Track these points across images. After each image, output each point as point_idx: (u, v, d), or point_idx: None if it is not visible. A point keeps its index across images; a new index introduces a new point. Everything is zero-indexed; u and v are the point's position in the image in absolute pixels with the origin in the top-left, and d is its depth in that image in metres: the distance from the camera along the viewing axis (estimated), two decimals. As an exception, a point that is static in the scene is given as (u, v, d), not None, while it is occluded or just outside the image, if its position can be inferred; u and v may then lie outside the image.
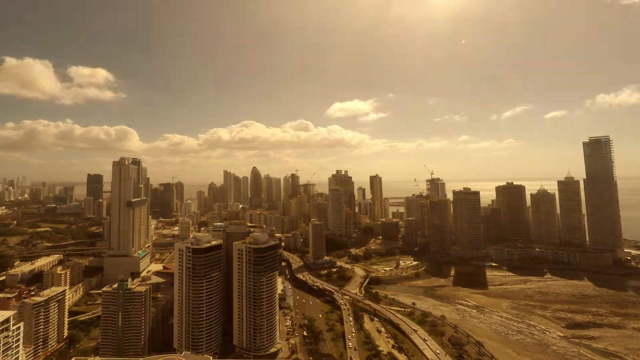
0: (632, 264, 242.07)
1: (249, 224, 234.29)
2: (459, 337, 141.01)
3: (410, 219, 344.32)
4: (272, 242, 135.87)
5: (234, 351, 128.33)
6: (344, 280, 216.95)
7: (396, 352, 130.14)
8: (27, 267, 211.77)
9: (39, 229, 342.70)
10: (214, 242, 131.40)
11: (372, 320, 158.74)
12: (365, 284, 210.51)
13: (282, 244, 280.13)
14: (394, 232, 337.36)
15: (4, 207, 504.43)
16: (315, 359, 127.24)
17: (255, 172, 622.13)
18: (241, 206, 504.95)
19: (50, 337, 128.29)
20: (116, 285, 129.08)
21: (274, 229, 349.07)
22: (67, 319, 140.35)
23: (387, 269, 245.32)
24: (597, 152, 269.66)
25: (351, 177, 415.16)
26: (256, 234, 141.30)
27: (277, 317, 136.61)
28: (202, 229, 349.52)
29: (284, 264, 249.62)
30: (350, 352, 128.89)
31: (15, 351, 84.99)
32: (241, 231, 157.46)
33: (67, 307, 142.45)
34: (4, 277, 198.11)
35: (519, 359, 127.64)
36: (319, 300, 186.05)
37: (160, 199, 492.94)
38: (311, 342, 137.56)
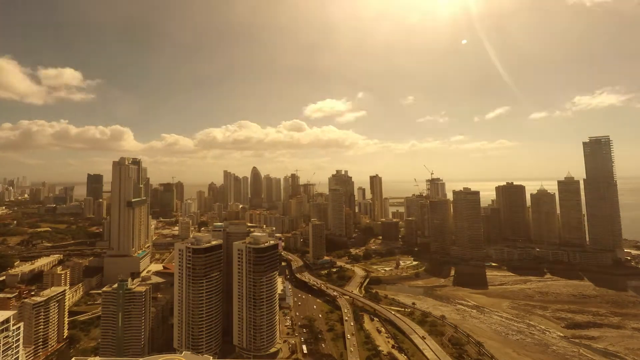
0: (632, 264, 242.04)
1: (249, 224, 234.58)
2: (459, 337, 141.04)
3: (410, 219, 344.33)
4: (272, 242, 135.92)
5: (234, 351, 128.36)
6: (344, 280, 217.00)
7: (396, 352, 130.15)
8: (27, 267, 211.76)
9: (39, 229, 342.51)
10: (214, 242, 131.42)
11: (372, 320, 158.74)
12: (365, 284, 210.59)
13: (282, 244, 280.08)
14: (394, 232, 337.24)
15: (4, 207, 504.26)
16: (315, 359, 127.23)
17: (255, 172, 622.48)
18: (241, 206, 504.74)
19: (50, 337, 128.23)
20: (116, 285, 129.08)
21: (274, 228, 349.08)
22: (67, 319, 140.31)
23: (387, 269, 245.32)
24: (597, 152, 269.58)
25: (351, 177, 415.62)
26: (256, 234, 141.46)
27: (277, 317, 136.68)
28: (202, 229, 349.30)
29: (284, 264, 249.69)
30: (350, 352, 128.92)
31: (15, 351, 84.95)
32: (241, 231, 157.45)
33: (67, 307, 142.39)
34: (4, 277, 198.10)
35: (519, 359, 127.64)
36: (319, 300, 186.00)
37: (160, 199, 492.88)
38: (311, 342, 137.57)
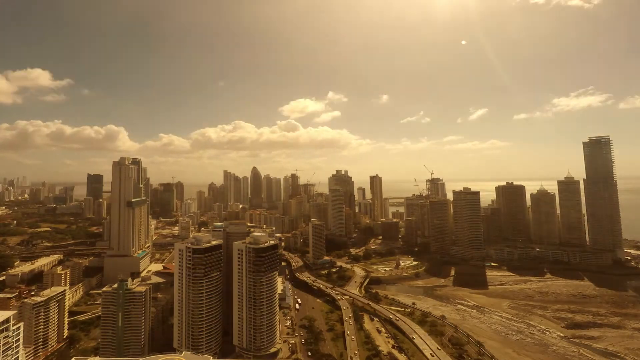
0: (632, 264, 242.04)
1: (249, 224, 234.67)
2: (459, 337, 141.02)
3: (410, 219, 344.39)
4: (272, 242, 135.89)
5: (234, 351, 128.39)
6: (344, 280, 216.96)
7: (396, 352, 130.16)
8: (27, 267, 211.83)
9: (39, 229, 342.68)
10: (214, 242, 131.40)
11: (372, 320, 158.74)
12: (365, 284, 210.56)
13: (282, 244, 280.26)
14: (394, 232, 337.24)
15: (4, 207, 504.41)
16: (315, 359, 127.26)
17: (255, 172, 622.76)
18: (241, 206, 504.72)
19: (50, 337, 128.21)
20: (116, 285, 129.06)
21: (274, 228, 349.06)
22: (67, 319, 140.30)
23: (387, 269, 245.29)
24: (597, 152, 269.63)
25: (351, 177, 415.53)
26: (256, 234, 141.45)
27: (277, 317, 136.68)
28: (202, 229, 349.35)
29: (284, 264, 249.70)
30: (350, 352, 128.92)
31: (15, 351, 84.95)
32: (241, 231, 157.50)
33: (67, 307, 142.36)
34: (4, 277, 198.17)
35: (519, 359, 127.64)
36: (319, 300, 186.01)
37: (160, 199, 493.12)
38: (311, 342, 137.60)
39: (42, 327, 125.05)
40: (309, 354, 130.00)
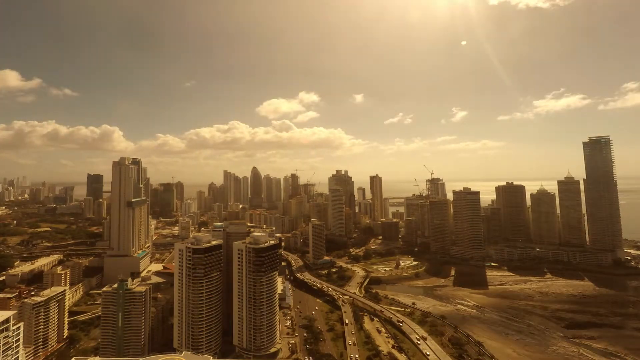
0: (632, 264, 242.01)
1: (249, 224, 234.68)
2: (459, 337, 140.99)
3: (410, 219, 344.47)
4: (272, 242, 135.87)
5: (234, 351, 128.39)
6: (344, 280, 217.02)
7: (396, 352, 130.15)
8: (27, 267, 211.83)
9: (39, 229, 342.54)
10: (214, 242, 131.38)
11: (372, 320, 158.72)
12: (365, 284, 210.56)
13: (282, 244, 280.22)
14: (394, 232, 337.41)
15: (4, 207, 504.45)
16: (315, 359, 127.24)
17: (255, 172, 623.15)
18: (241, 206, 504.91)
19: (50, 337, 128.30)
20: (116, 285, 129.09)
21: (274, 228, 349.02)
22: (67, 319, 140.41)
23: (387, 269, 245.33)
24: (597, 152, 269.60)
25: (351, 177, 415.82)
26: (256, 234, 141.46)
27: (277, 317, 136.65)
28: (202, 229, 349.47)
29: (284, 264, 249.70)
30: (350, 352, 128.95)
31: (15, 351, 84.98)
32: (241, 231, 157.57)
33: (67, 307, 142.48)
34: (4, 277, 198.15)
35: (519, 359, 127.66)
36: (319, 300, 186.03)
37: (160, 199, 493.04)
38: (311, 342, 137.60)
39: (42, 327, 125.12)
40: (309, 354, 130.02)
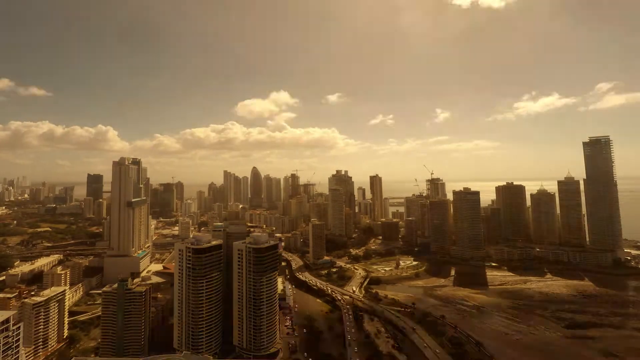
0: (632, 264, 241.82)
1: (249, 224, 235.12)
2: (459, 337, 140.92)
3: (410, 219, 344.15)
4: (272, 242, 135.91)
5: (234, 351, 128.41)
6: (344, 280, 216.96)
7: (396, 352, 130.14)
8: (27, 267, 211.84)
9: (39, 229, 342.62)
10: (214, 242, 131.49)
11: (372, 320, 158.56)
12: (365, 284, 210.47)
13: (282, 244, 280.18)
14: (394, 232, 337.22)
15: (4, 207, 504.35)
16: (315, 359, 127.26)
17: (255, 172, 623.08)
18: (241, 206, 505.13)
19: (50, 337, 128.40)
20: (116, 285, 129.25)
21: (274, 228, 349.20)
22: (67, 319, 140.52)
23: (387, 269, 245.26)
24: (597, 152, 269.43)
25: (351, 177, 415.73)
26: (256, 234, 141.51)
27: (277, 317, 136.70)
28: (202, 229, 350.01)
29: (284, 264, 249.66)
30: (350, 352, 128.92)
31: (15, 351, 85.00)
32: (241, 231, 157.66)
33: (67, 307, 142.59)
34: (4, 277, 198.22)
35: (519, 359, 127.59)
36: (319, 300, 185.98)
37: (160, 199, 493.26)
38: (311, 342, 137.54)
39: (42, 327, 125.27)
40: (309, 354, 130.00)
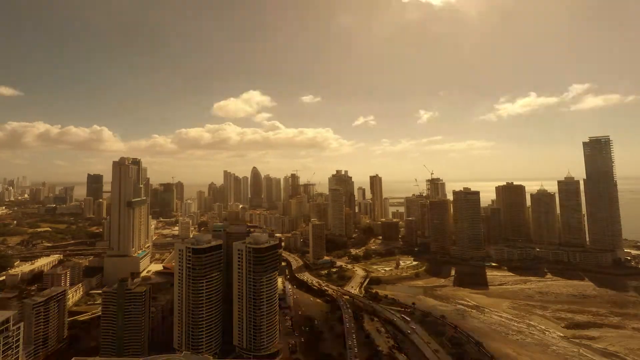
0: (632, 264, 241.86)
1: (249, 224, 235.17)
2: (459, 337, 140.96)
3: (410, 219, 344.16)
4: (272, 242, 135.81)
5: (234, 351, 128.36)
6: (344, 280, 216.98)
7: (396, 352, 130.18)
8: (27, 267, 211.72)
9: (39, 229, 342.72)
10: (214, 242, 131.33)
11: (372, 320, 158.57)
12: (365, 284, 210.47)
13: (282, 244, 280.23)
14: (394, 232, 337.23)
15: (4, 207, 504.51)
16: (315, 359, 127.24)
17: (255, 172, 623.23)
18: (241, 206, 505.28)
19: (50, 337, 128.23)
20: (116, 285, 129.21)
21: (274, 229, 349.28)
22: (67, 319, 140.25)
23: (387, 269, 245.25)
24: (597, 152, 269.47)
25: (351, 177, 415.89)
26: (256, 234, 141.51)
27: (277, 317, 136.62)
28: (202, 229, 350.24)
29: (284, 264, 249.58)
30: (350, 352, 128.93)
31: (15, 351, 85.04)
32: (241, 231, 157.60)
33: (67, 307, 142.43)
34: (4, 277, 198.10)
35: (519, 359, 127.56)
36: (319, 300, 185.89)
37: (160, 199, 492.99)
38: (311, 342, 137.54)
39: (42, 327, 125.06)
40: (309, 354, 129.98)
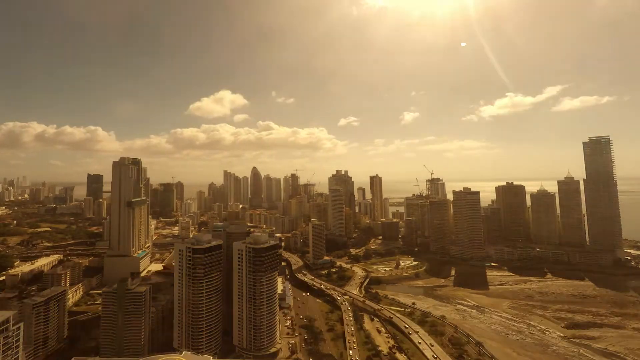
0: (632, 264, 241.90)
1: (249, 224, 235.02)
2: (459, 337, 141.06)
3: (410, 219, 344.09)
4: (272, 242, 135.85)
5: (234, 351, 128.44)
6: (344, 280, 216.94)
7: (396, 352, 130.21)
8: (27, 267, 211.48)
9: (39, 229, 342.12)
10: (214, 242, 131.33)
11: (372, 320, 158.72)
12: (365, 284, 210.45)
13: (282, 244, 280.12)
14: (394, 232, 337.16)
15: (4, 207, 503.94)
16: (315, 359, 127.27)
17: (255, 172, 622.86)
18: (241, 206, 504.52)
19: (50, 337, 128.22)
20: (116, 285, 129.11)
21: (274, 228, 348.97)
22: (67, 319, 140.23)
23: (387, 269, 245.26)
24: (597, 152, 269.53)
25: (351, 177, 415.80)
26: (256, 234, 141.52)
27: (277, 317, 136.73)
28: (202, 229, 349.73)
29: (284, 264, 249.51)
30: (350, 352, 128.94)
31: (15, 351, 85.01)
32: (241, 231, 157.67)
33: (67, 307, 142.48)
34: (4, 277, 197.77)
35: (519, 359, 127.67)
36: (319, 300, 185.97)
37: (160, 199, 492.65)
38: (311, 342, 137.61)
39: (42, 327, 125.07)
40: (309, 354, 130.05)
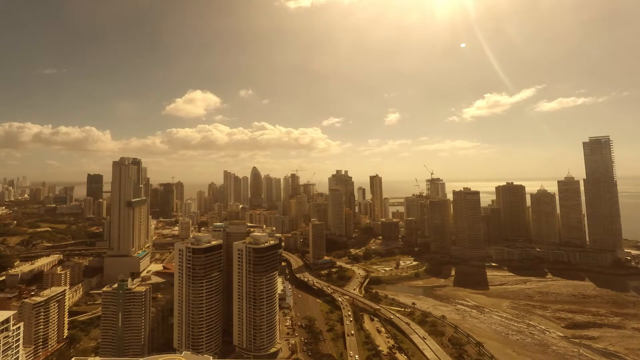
0: (632, 264, 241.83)
1: (249, 224, 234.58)
2: (459, 337, 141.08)
3: (410, 219, 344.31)
4: (272, 242, 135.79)
5: (234, 351, 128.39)
6: (344, 280, 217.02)
7: (396, 352, 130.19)
8: (27, 267, 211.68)
9: (39, 229, 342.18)
10: (214, 242, 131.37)
11: (372, 320, 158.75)
12: (365, 284, 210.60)
13: (282, 244, 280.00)
14: (394, 232, 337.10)
15: (4, 207, 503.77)
16: (315, 359, 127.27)
17: (255, 172, 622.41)
18: (241, 206, 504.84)
19: (50, 337, 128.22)
20: (116, 285, 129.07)
21: (274, 228, 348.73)
22: (67, 319, 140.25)
23: (387, 269, 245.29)
24: (597, 152, 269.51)
25: (351, 177, 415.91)
26: (256, 234, 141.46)
27: (277, 317, 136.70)
28: (202, 229, 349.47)
29: (284, 264, 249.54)
30: (350, 352, 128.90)
31: (15, 351, 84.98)
32: (241, 231, 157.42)
33: (67, 307, 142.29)
34: (4, 277, 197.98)
35: (519, 359, 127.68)
36: (319, 300, 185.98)
37: (160, 199, 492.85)
38: (311, 342, 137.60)
39: (42, 327, 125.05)
40: (309, 354, 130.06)
